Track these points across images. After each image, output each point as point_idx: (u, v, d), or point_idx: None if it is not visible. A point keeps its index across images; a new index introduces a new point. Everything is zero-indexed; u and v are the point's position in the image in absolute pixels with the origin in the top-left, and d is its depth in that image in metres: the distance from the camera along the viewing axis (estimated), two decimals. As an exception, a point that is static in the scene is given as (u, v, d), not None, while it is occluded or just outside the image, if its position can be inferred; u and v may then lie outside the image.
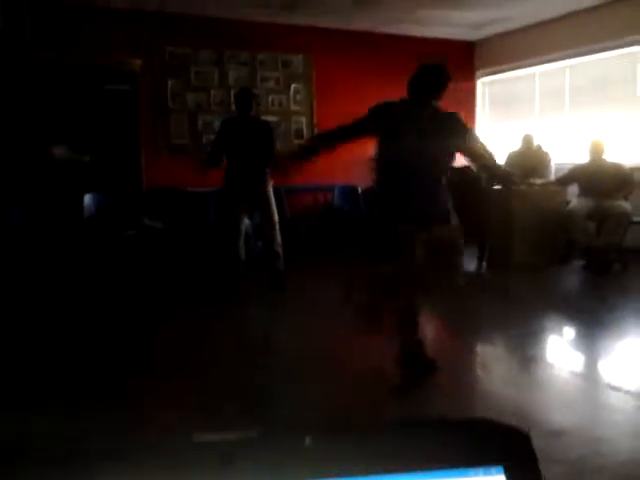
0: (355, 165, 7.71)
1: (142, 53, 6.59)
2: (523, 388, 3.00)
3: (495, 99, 8.26)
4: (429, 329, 2.77)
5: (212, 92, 7.01)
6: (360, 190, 7.44)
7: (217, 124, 6.64)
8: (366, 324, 3.22)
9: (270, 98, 7.27)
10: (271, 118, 7.11)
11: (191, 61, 6.89)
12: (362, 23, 7.28)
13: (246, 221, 5.62)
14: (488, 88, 8.38)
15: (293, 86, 7.42)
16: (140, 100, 6.66)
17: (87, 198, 6.06)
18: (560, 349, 3.88)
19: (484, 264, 6.12)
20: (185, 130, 6.91)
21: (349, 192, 7.42)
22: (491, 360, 3.53)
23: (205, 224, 6.19)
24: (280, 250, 5.13)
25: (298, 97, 7.46)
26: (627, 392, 2.87)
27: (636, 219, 5.73)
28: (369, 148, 7.87)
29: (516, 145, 6.95)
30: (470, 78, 8.34)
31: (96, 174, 6.36)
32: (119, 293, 5.12)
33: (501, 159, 6.97)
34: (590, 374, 3.26)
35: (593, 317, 4.26)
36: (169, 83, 6.80)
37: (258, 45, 7.16)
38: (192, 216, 6.33)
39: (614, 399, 2.81)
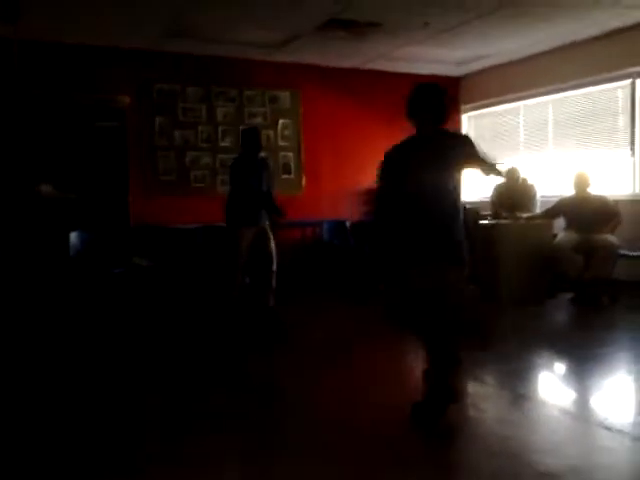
0: (343, 199, 7.75)
1: (130, 91, 6.63)
2: (515, 428, 2.96)
3: (481, 133, 8.36)
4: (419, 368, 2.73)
5: (200, 128, 7.04)
6: (348, 224, 7.45)
7: (205, 161, 6.73)
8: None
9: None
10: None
11: (179, 98, 6.93)
12: (349, 60, 7.40)
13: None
14: (474, 122, 8.50)
15: (281, 122, 7.48)
16: (128, 137, 6.67)
17: (73, 236, 6.01)
18: (551, 386, 3.84)
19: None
20: (173, 167, 6.91)
21: (337, 226, 7.43)
22: (481, 399, 3.48)
23: (193, 261, 6.15)
24: (274, 284, 5.15)
25: (286, 132, 7.52)
26: (620, 431, 2.83)
27: (624, 252, 5.77)
28: (356, 181, 7.97)
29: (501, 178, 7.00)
30: (456, 112, 8.46)
31: (83, 212, 6.32)
32: (107, 335, 5.04)
33: (487, 193, 7.03)
34: (582, 412, 3.22)
35: (583, 352, 4.24)
36: (157, 120, 6.83)
37: (245, 81, 7.24)
38: (179, 253, 6.29)
39: (607, 439, 2.77)
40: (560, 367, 4.27)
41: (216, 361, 4.29)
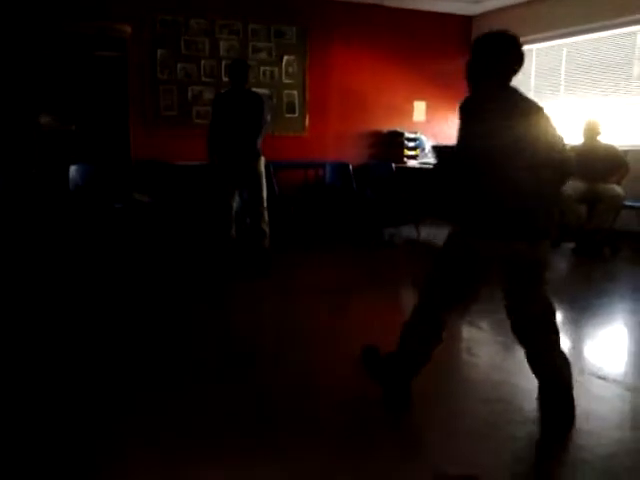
0: (347, 141, 7.62)
1: (132, 20, 6.40)
2: (508, 374, 2.98)
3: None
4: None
5: (203, 62, 6.84)
6: (351, 167, 7.35)
7: (207, 96, 6.55)
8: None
9: (262, 70, 7.12)
10: (262, 90, 6.98)
11: (181, 30, 6.71)
12: (358, -5, 7.12)
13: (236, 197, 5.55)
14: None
15: (286, 58, 7.26)
16: (129, 69, 6.49)
17: (73, 169, 5.93)
18: (547, 334, 3.85)
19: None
20: (174, 101, 6.76)
21: (340, 169, 7.33)
22: (477, 344, 3.51)
23: (194, 199, 6.09)
24: (267, 228, 5.06)
25: (290, 69, 7.31)
26: (613, 381, 2.86)
27: (628, 203, 5.70)
28: (362, 124, 7.81)
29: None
30: (468, 54, 8.20)
31: (83, 144, 6.21)
32: (104, 271, 5.06)
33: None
34: (576, 362, 3.21)
35: (581, 302, 4.25)
36: (159, 52, 6.64)
37: (250, 14, 6.99)
38: (180, 190, 6.23)
39: (600, 388, 2.80)
40: (557, 316, 4.26)
41: (201, 303, 4.30)
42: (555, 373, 2.44)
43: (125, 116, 6.46)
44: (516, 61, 2.45)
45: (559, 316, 4.20)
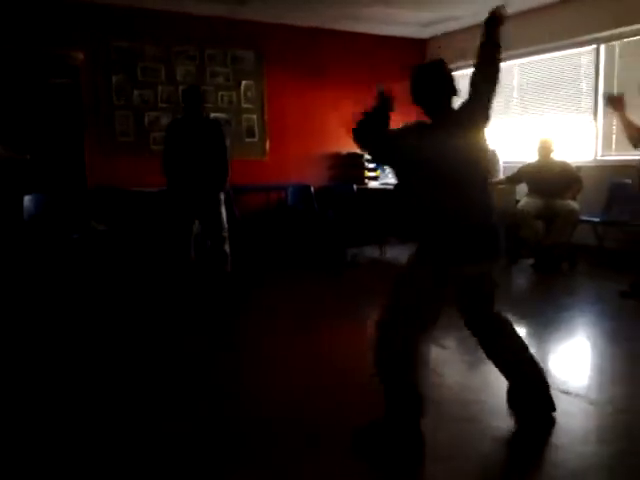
0: (307, 164, 7.64)
1: (85, 46, 6.33)
2: (474, 392, 2.98)
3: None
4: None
5: (159, 88, 6.80)
6: (313, 189, 7.36)
7: (165, 122, 6.48)
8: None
9: (220, 94, 7.11)
10: (221, 115, 6.98)
11: (137, 56, 6.66)
12: (314, 19, 7.19)
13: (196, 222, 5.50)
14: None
15: (244, 83, 7.27)
16: (83, 96, 6.40)
17: (27, 199, 5.77)
18: (511, 350, 3.87)
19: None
20: (131, 128, 6.68)
21: (302, 191, 7.34)
22: (442, 364, 3.50)
23: (153, 225, 5.98)
24: (228, 251, 5.02)
25: (249, 94, 7.31)
26: (577, 395, 2.88)
27: (584, 218, 5.83)
28: (322, 145, 7.85)
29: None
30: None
31: (37, 173, 6.07)
32: (63, 302, 4.91)
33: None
34: (540, 377, 3.26)
35: (542, 317, 4.30)
36: (114, 79, 6.56)
37: (207, 40, 6.98)
38: (139, 217, 6.11)
39: (564, 403, 2.81)
40: (520, 331, 4.28)
41: (163, 330, 4.22)
42: (525, 377, 2.57)
43: (80, 143, 6.36)
44: (450, 86, 2.50)
45: (521, 331, 4.27)
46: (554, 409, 2.58)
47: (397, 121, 2.50)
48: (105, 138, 6.55)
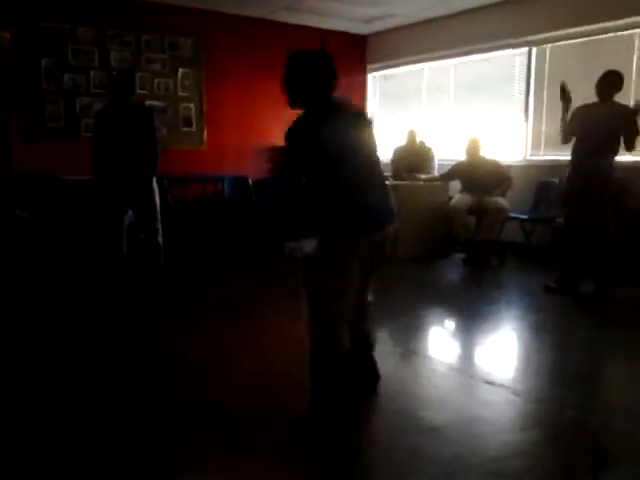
0: (246, 155, 7.56)
1: (12, 25, 6.03)
2: (402, 384, 3.02)
3: (385, 93, 8.39)
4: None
5: (92, 73, 6.55)
6: (251, 181, 7.30)
7: (97, 107, 6.24)
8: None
9: (156, 82, 6.93)
10: (156, 102, 6.80)
11: (68, 39, 6.39)
12: (255, 9, 7.11)
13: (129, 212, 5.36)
14: (378, 82, 8.50)
15: (181, 70, 7.11)
16: (10, 78, 6.09)
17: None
18: (439, 343, 3.97)
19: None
20: (61, 113, 6.42)
21: (239, 183, 7.26)
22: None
23: (82, 215, 5.77)
24: (161, 243, 4.92)
25: (186, 82, 7.16)
26: (501, 386, 2.97)
27: (513, 215, 6.03)
28: (261, 137, 7.78)
29: (403, 140, 7.11)
30: (362, 71, 8.43)
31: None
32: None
33: (388, 155, 7.11)
34: (467, 368, 3.35)
35: (471, 310, 4.42)
36: (43, 62, 6.28)
37: (143, 25, 6.79)
38: (67, 206, 5.88)
39: (489, 393, 2.90)
40: (449, 324, 4.42)
41: (95, 324, 4.09)
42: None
43: (7, 127, 6.07)
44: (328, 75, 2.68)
45: (450, 323, 4.39)
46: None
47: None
48: (33, 123, 6.26)
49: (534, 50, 6.64)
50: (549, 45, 6.51)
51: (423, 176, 6.52)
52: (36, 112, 6.28)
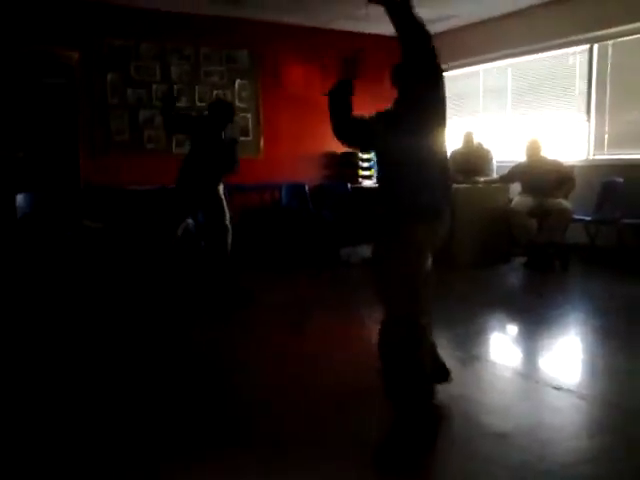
0: (302, 163, 7.64)
1: (79, 45, 6.32)
2: (466, 389, 2.99)
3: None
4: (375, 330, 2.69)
5: (154, 87, 6.79)
6: (307, 188, 7.37)
7: (158, 120, 6.41)
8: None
9: (214, 93, 7.11)
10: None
11: (132, 54, 6.65)
12: (308, 19, 7.21)
13: (189, 221, 5.53)
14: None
15: (238, 82, 7.28)
16: (77, 94, 6.39)
17: (20, 198, 5.76)
18: (502, 347, 3.91)
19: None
20: (125, 126, 6.68)
21: (296, 190, 7.35)
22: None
23: (145, 223, 5.97)
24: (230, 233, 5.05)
25: (243, 93, 7.32)
26: (568, 391, 2.90)
27: (578, 217, 5.86)
28: (316, 144, 7.85)
29: (459, 142, 7.03)
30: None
31: (30, 172, 6.06)
32: (57, 301, 4.90)
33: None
34: (532, 373, 3.29)
35: (534, 315, 4.33)
36: (108, 77, 6.55)
37: (201, 39, 6.99)
38: (132, 215, 6.11)
39: (556, 399, 2.83)
40: (511, 329, 4.35)
41: (164, 326, 4.22)
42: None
43: (74, 142, 6.36)
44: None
45: (515, 328, 4.31)
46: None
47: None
48: (99, 136, 6.54)
49: (595, 47, 6.45)
50: (611, 41, 6.31)
51: (482, 179, 6.42)
52: (102, 126, 6.56)
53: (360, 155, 7.69)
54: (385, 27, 7.73)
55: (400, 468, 2.23)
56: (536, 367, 3.44)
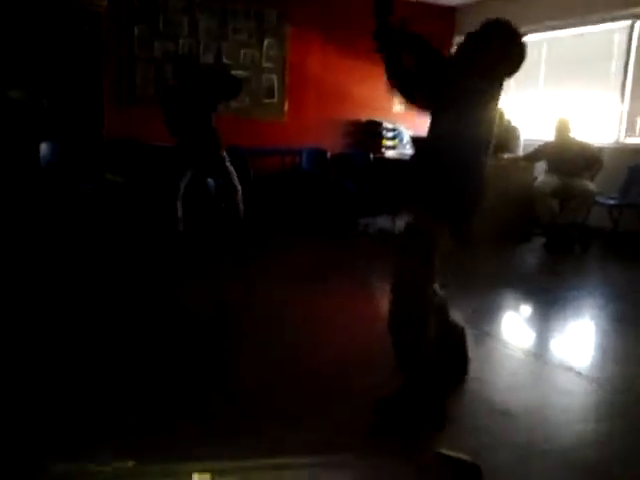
0: (325, 129, 7.55)
1: (108, -6, 6.25)
2: (477, 367, 2.98)
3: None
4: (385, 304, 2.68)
5: (181, 41, 6.72)
6: (329, 155, 7.30)
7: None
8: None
9: (242, 52, 7.01)
10: (241, 73, 6.88)
11: (160, 7, 6.57)
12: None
13: (210, 182, 5.55)
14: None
15: (266, 41, 7.16)
16: (104, 44, 6.34)
17: (44, 147, 5.78)
18: (516, 326, 3.89)
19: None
20: (151, 80, 6.63)
21: (318, 156, 7.28)
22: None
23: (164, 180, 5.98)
24: (240, 193, 5.09)
25: (271, 53, 7.21)
26: (578, 374, 2.88)
27: (600, 200, 5.76)
28: (341, 111, 7.74)
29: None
30: (448, 44, 8.20)
31: (55, 120, 6.06)
32: (74, 252, 4.95)
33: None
34: (543, 353, 3.28)
35: (550, 295, 4.29)
36: (136, 29, 6.49)
37: (231, -5, 6.87)
38: (154, 171, 6.10)
39: (565, 381, 2.82)
40: (526, 308, 4.32)
41: (177, 287, 4.25)
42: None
43: (99, 93, 6.33)
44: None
45: (530, 308, 4.28)
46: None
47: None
48: (124, 89, 6.51)
49: (638, 24, 6.22)
50: (655, 19, 6.09)
51: (505, 156, 6.31)
52: (127, 79, 6.51)
53: (385, 125, 7.58)
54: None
55: (403, 437, 2.25)
56: (548, 348, 3.43)
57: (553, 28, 6.98)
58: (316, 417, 2.33)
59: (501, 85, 2.45)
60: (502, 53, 2.41)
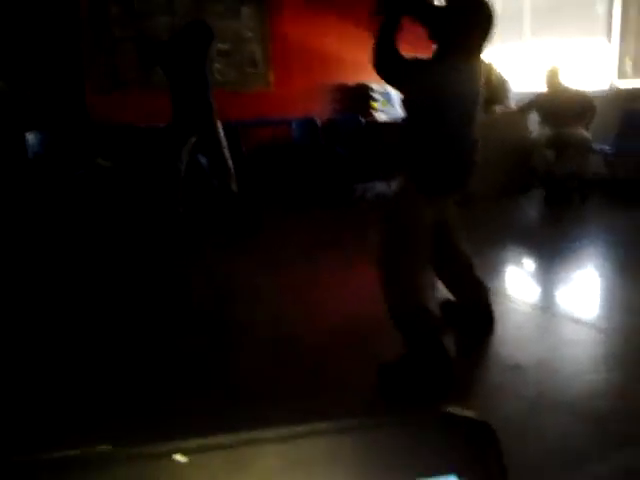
0: (313, 95, 7.43)
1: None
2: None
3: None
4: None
5: (158, 18, 6.55)
6: (319, 122, 7.20)
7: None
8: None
9: (221, 24, 6.83)
10: (222, 46, 6.70)
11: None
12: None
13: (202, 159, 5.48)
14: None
15: (245, 10, 6.97)
16: (82, 28, 6.19)
17: (31, 137, 5.69)
18: (520, 280, 3.88)
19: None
20: (132, 61, 6.48)
21: (308, 125, 7.18)
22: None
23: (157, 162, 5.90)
24: (232, 167, 5.01)
25: (251, 23, 7.04)
26: (586, 324, 2.88)
27: (599, 147, 5.68)
28: (329, 76, 7.60)
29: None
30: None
31: (38, 109, 5.95)
32: (68, 239, 4.92)
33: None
34: (550, 306, 3.27)
35: (552, 248, 4.27)
36: (112, 9, 6.32)
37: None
38: (142, 154, 6.02)
39: (573, 332, 2.82)
40: (529, 262, 4.31)
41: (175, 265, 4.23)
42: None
43: (80, 77, 6.20)
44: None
45: (533, 262, 4.27)
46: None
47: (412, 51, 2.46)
48: (104, 71, 6.37)
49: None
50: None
51: (497, 108, 6.22)
52: (107, 60, 6.36)
53: (374, 87, 7.46)
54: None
55: (412, 394, 2.25)
56: (554, 300, 3.43)
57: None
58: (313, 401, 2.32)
59: (480, 48, 2.44)
60: (470, 27, 2.40)
